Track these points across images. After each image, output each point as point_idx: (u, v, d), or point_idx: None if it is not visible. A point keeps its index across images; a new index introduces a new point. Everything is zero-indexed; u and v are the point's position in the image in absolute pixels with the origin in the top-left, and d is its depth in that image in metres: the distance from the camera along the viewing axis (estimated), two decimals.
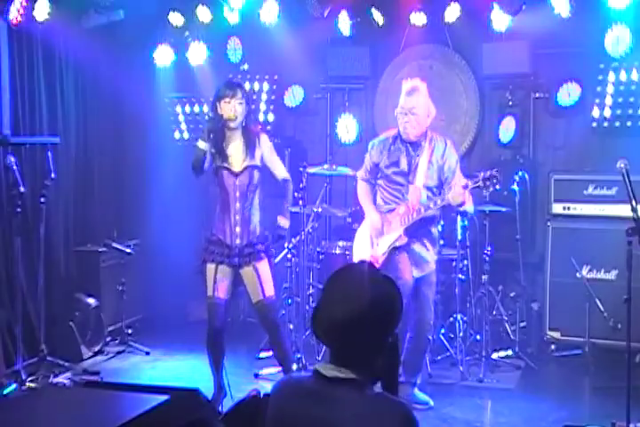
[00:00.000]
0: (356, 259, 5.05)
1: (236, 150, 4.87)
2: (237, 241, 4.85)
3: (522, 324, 6.26)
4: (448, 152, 4.88)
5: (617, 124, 6.23)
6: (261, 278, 4.86)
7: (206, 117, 5.95)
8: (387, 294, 2.19)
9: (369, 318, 2.13)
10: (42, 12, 5.91)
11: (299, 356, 5.62)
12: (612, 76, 6.17)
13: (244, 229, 4.86)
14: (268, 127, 7.02)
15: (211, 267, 4.88)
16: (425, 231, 4.91)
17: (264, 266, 4.89)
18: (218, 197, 4.93)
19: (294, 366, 5.25)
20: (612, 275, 5.94)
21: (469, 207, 4.87)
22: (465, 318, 5.90)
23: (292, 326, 6.00)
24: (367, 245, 5.02)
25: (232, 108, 4.80)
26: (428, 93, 4.87)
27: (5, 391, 5.05)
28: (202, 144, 4.82)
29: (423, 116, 4.80)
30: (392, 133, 4.99)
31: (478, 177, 4.58)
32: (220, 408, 4.84)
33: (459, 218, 5.94)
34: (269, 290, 4.90)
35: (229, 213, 4.85)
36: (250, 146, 4.86)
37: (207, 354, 5.01)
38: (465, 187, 4.59)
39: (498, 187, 4.66)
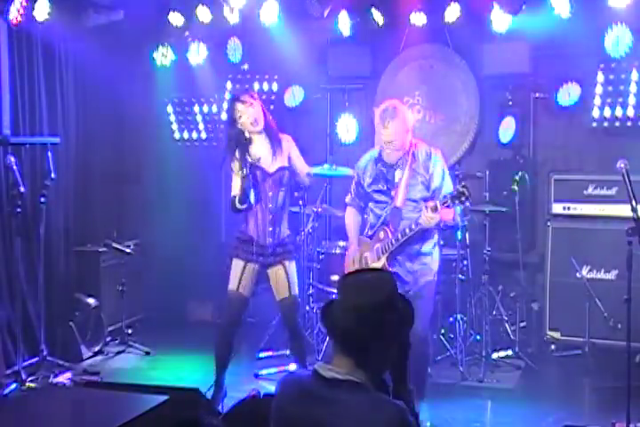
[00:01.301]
0: None
1: (263, 152, 4.94)
2: (269, 240, 4.92)
3: (522, 324, 6.25)
4: (433, 163, 4.62)
5: (617, 124, 6.23)
6: (289, 277, 4.96)
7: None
8: (402, 299, 2.26)
9: (381, 311, 2.16)
10: (42, 12, 5.91)
11: None
12: (612, 76, 6.17)
13: (275, 228, 4.94)
14: None
15: (239, 263, 4.95)
16: (412, 249, 4.62)
17: (293, 265, 5.00)
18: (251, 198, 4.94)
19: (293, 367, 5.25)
20: (612, 275, 5.94)
21: (455, 222, 4.65)
22: (465, 318, 5.90)
23: None
24: None
25: (248, 116, 4.87)
26: (402, 111, 4.60)
27: (5, 391, 5.05)
28: (239, 206, 4.83)
29: (402, 139, 4.57)
30: (374, 152, 4.82)
31: (447, 197, 4.31)
32: (220, 408, 4.85)
33: (458, 218, 5.93)
34: (295, 289, 5.01)
35: (262, 213, 4.91)
36: (275, 147, 4.95)
37: (214, 350, 5.01)
38: (435, 209, 4.32)
39: (468, 204, 4.43)
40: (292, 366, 5.21)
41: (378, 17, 6.40)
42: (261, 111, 4.92)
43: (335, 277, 6.10)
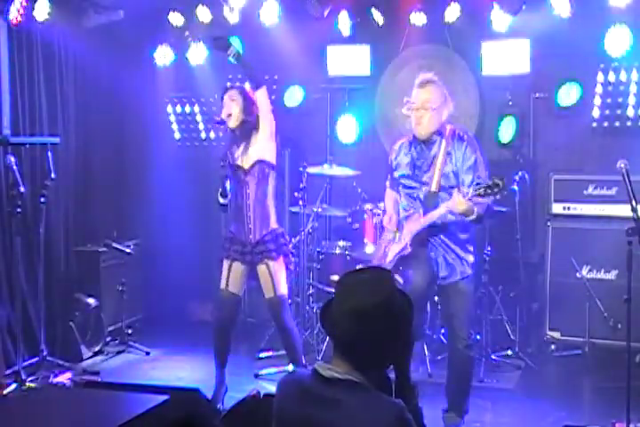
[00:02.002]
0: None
1: (242, 149, 4.96)
2: (250, 237, 4.93)
3: (522, 324, 6.25)
4: (467, 150, 4.42)
5: (617, 124, 6.23)
6: (273, 277, 4.93)
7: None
8: (401, 297, 2.24)
9: (380, 314, 2.15)
10: (42, 12, 5.92)
11: None
12: (612, 76, 6.17)
13: (256, 225, 4.93)
14: None
15: (226, 263, 5.02)
16: (450, 236, 4.50)
17: (277, 265, 4.96)
18: (232, 196, 4.98)
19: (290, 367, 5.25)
20: (612, 275, 5.94)
21: (480, 216, 4.38)
22: None
23: None
24: (379, 253, 4.77)
25: (226, 109, 4.91)
26: (444, 88, 4.51)
27: (5, 391, 5.05)
28: (222, 200, 4.93)
29: (439, 109, 4.40)
30: (407, 138, 4.65)
31: (480, 185, 4.19)
32: (221, 405, 4.86)
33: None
34: (280, 289, 4.97)
35: (243, 211, 4.93)
36: (250, 140, 4.93)
37: (213, 349, 5.06)
38: (464, 196, 4.19)
39: (498, 197, 4.26)
40: (291, 366, 5.21)
41: (378, 17, 6.40)
42: (242, 110, 4.89)
43: (335, 277, 6.10)
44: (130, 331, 6.56)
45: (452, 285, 4.50)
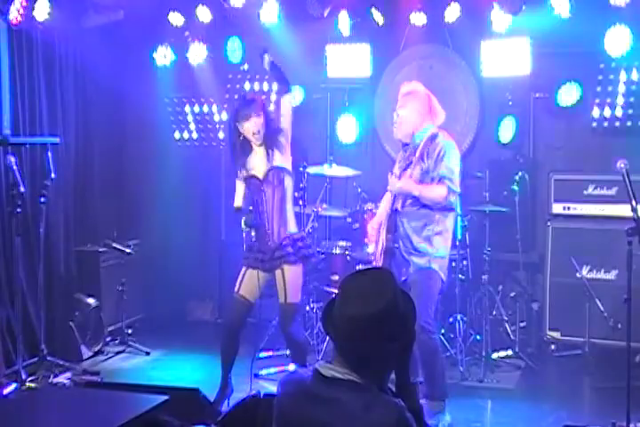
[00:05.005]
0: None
1: (259, 159, 4.92)
2: (270, 243, 4.89)
3: (522, 324, 6.26)
4: (438, 148, 4.63)
5: (617, 124, 6.24)
6: (286, 283, 4.88)
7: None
8: (403, 298, 2.24)
9: (380, 321, 2.15)
10: (42, 12, 5.91)
11: None
12: (612, 76, 6.17)
13: (275, 230, 4.90)
14: None
15: (243, 269, 4.99)
16: (415, 231, 4.68)
17: (292, 271, 4.90)
18: (252, 205, 4.97)
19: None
20: (612, 275, 5.94)
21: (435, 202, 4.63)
22: (465, 318, 5.90)
23: None
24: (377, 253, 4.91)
25: (253, 125, 4.85)
26: (425, 96, 4.81)
27: (5, 391, 5.05)
28: (245, 228, 4.92)
29: (409, 117, 4.74)
30: None
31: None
32: (225, 405, 4.85)
33: (458, 218, 5.93)
34: (292, 296, 4.92)
35: (263, 218, 4.89)
36: (270, 150, 4.89)
37: (220, 351, 5.05)
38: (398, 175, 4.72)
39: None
40: (292, 366, 5.21)
41: (378, 17, 6.40)
42: (264, 125, 4.87)
43: (335, 277, 6.10)
44: (130, 331, 6.56)
45: (406, 281, 4.62)
